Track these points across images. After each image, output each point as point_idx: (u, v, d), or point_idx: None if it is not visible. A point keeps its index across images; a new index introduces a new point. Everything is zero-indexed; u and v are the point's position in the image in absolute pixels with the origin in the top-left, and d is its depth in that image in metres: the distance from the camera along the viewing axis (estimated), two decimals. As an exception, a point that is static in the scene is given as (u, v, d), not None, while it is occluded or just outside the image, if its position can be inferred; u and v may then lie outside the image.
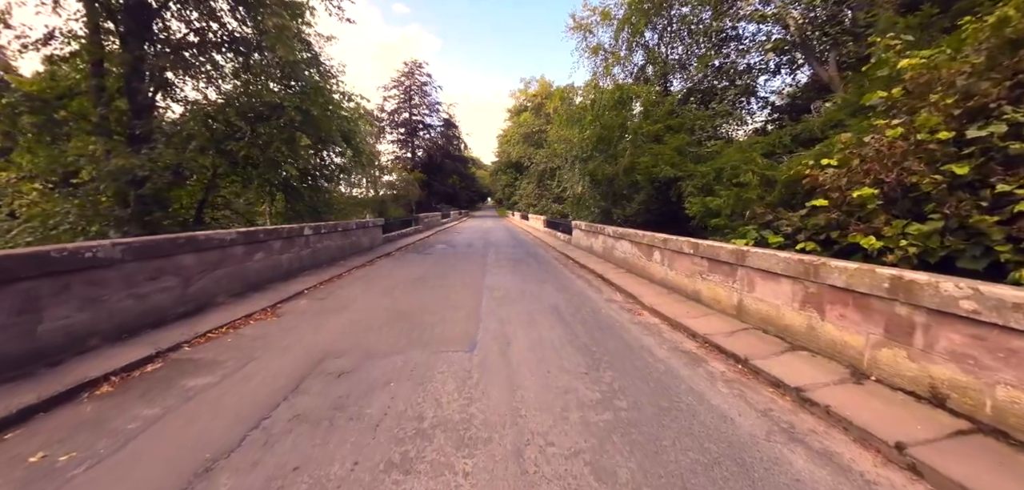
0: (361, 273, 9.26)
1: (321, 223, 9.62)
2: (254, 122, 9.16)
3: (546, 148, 42.87)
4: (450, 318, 5.49)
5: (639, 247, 8.70)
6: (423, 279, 8.44)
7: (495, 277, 8.76)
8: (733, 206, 6.46)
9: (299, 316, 5.73)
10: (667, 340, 4.97)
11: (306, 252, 8.97)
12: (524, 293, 7.20)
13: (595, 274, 9.31)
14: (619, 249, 9.91)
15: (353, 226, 11.69)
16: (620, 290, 7.69)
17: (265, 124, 9.18)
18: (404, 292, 7.18)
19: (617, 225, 11.06)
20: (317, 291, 7.34)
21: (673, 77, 17.80)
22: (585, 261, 10.95)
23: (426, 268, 9.95)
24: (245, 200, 14.44)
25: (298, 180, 11.99)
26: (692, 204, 7.45)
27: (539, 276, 9.07)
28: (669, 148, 8.95)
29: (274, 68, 10.26)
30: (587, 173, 15.14)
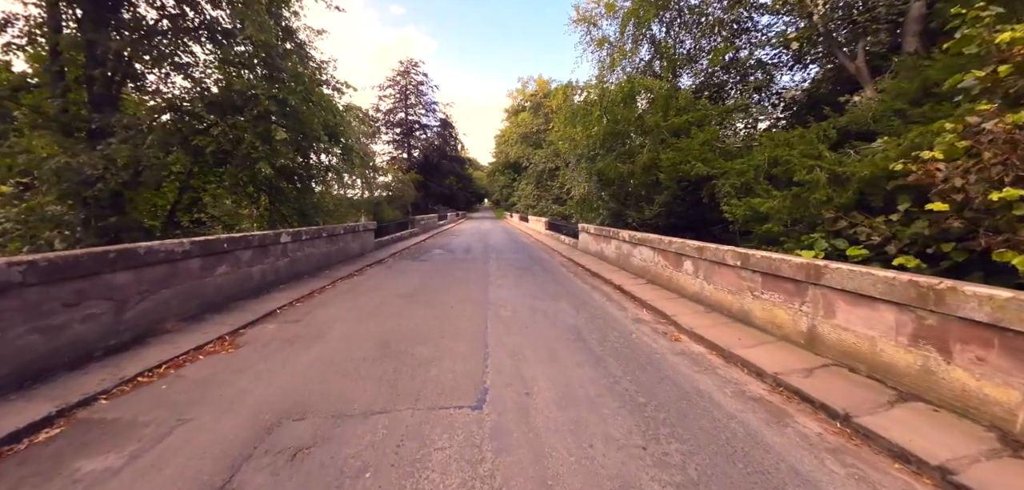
0: (347, 285, 8.14)
1: (302, 228, 8.50)
2: (223, 113, 8.02)
3: (545, 148, 41.91)
4: (449, 351, 4.39)
5: (664, 255, 7.64)
6: (417, 294, 7.33)
7: (500, 290, 7.67)
8: (790, 210, 5.41)
9: (261, 348, 4.61)
10: (727, 380, 3.90)
11: (283, 262, 7.84)
12: (536, 312, 6.11)
13: (612, 285, 8.24)
14: (638, 256, 8.85)
15: (341, 231, 10.56)
16: (646, 306, 6.62)
17: (235, 116, 8.04)
18: (394, 312, 6.07)
19: (633, 229, 10.01)
20: (291, 311, 6.22)
21: (682, 72, 16.82)
22: (597, 269, 9.89)
23: (421, 279, 8.85)
24: (233, 202, 13.28)
25: (279, 179, 10.83)
26: (733, 207, 6.40)
27: (549, 288, 7.99)
28: (697, 142, 7.89)
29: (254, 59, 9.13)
30: (595, 172, 14.08)
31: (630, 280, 8.45)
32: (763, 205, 5.76)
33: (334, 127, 10.72)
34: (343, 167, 13.27)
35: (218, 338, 4.93)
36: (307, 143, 9.33)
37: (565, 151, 17.68)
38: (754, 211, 5.96)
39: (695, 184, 7.67)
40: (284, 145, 8.01)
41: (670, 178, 7.95)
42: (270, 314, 5.98)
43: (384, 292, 7.44)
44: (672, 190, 8.06)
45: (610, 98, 13.05)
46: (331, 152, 11.80)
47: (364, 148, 34.10)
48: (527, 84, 55.40)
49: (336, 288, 7.89)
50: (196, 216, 13.46)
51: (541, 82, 52.55)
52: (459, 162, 59.06)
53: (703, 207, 7.88)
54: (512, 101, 58.09)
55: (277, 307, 6.26)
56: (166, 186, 11.75)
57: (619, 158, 10.81)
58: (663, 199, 8.30)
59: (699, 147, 7.78)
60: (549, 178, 40.33)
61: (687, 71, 17.00)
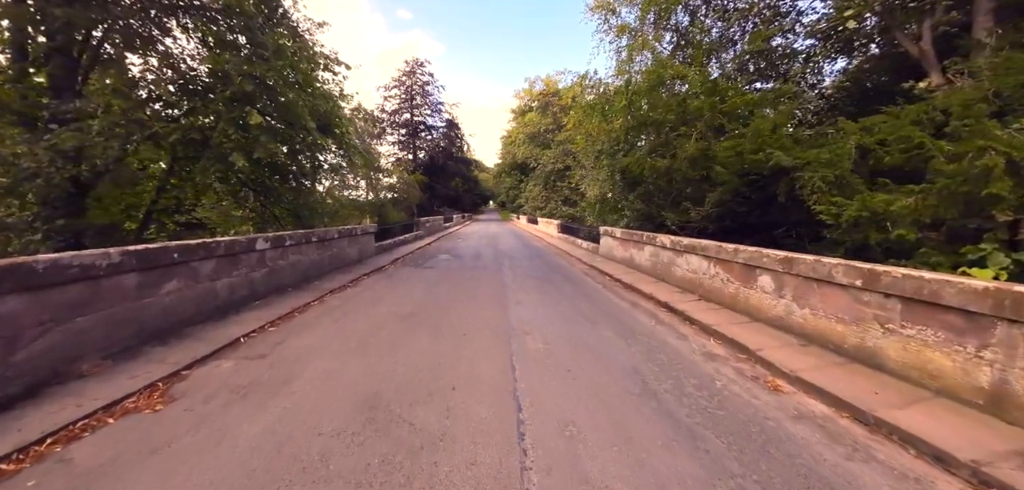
0: (338, 301, 6.79)
1: (285, 233, 7.17)
2: (192, 95, 6.73)
3: (554, 148, 40.54)
4: (465, 416, 2.99)
5: (725, 267, 6.20)
6: (420, 313, 5.95)
7: (521, 308, 6.27)
8: (936, 210, 3.97)
9: (200, 405, 3.25)
10: (902, 473, 2.48)
11: (260, 273, 6.51)
12: (575, 343, 4.70)
13: (656, 301, 6.81)
14: (683, 266, 7.41)
15: (334, 235, 9.23)
16: (712, 333, 5.18)
17: (204, 99, 6.74)
18: (390, 342, 4.69)
19: (671, 233, 8.57)
20: (259, 339, 4.86)
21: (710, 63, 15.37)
22: (630, 280, 8.45)
23: (425, 291, 7.48)
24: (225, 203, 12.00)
25: (266, 175, 9.55)
26: (840, 207, 4.93)
27: (581, 306, 6.57)
28: (767, 126, 6.41)
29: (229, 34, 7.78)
30: (618, 170, 12.64)
31: (676, 295, 7.00)
32: (895, 203, 4.30)
33: (326, 117, 9.40)
34: (340, 164, 11.96)
35: (147, 386, 3.58)
36: (293, 133, 8.02)
37: (581, 148, 16.23)
38: (872, 211, 4.51)
39: (764, 179, 6.25)
40: (263, 132, 6.73)
41: (730, 172, 6.53)
42: (231, 344, 4.62)
43: (380, 310, 6.07)
44: (731, 186, 6.63)
45: (635, 87, 11.61)
46: (326, 147, 10.47)
47: (367, 146, 32.96)
48: (534, 84, 54.19)
49: (324, 305, 6.53)
50: (184, 219, 12.24)
51: (549, 82, 51.33)
52: (465, 163, 57.90)
53: (775, 207, 6.43)
54: (519, 101, 56.89)
55: (243, 334, 4.91)
56: (141, 185, 10.55)
57: (652, 151, 9.37)
58: (716, 197, 6.87)
59: (769, 134, 6.32)
60: (558, 179, 38.95)
61: (714, 62, 15.57)
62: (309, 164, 10.16)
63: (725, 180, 6.71)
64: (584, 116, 15.58)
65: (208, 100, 6.78)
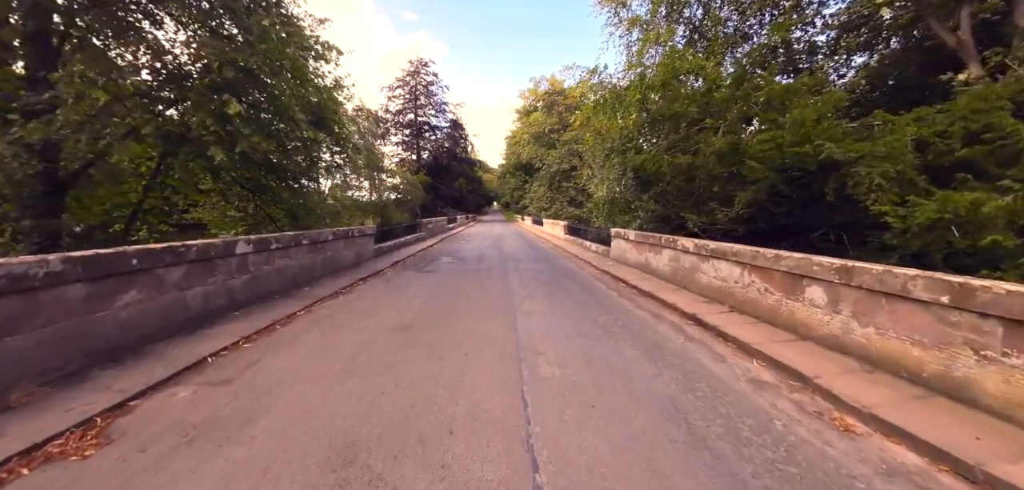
0: (328, 310, 6.15)
1: (271, 235, 6.54)
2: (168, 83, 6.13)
3: (559, 148, 39.81)
4: (463, 476, 2.32)
5: (763, 275, 5.49)
6: (417, 326, 5.30)
7: (531, 319, 5.59)
8: None
9: (139, 452, 2.61)
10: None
11: (240, 280, 5.88)
12: (595, 363, 4.01)
13: (681, 313, 6.10)
14: (710, 273, 6.70)
15: (328, 237, 8.60)
16: (755, 353, 4.48)
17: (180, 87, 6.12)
18: (380, 364, 4.04)
19: (693, 236, 7.85)
20: (229, 359, 4.22)
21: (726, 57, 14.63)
22: (647, 286, 7.75)
23: (425, 299, 6.82)
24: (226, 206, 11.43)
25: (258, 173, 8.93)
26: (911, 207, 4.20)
27: (597, 316, 5.88)
28: (811, 115, 5.66)
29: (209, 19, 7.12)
30: (630, 168, 11.92)
31: (703, 305, 6.29)
32: (987, 203, 3.58)
33: (321, 110, 8.78)
34: (337, 161, 11.33)
35: (83, 423, 2.95)
36: (281, 125, 7.39)
37: (590, 145, 15.53)
38: (954, 212, 3.78)
39: (808, 175, 5.52)
40: (244, 123, 6.09)
41: (766, 167, 5.80)
42: (195, 365, 3.99)
43: (373, 321, 5.42)
44: (766, 183, 5.90)
45: (650, 81, 10.90)
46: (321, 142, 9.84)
47: (370, 146, 32.45)
48: (539, 84, 53.59)
49: (311, 315, 5.89)
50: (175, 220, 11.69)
51: (554, 81, 50.74)
52: (469, 164, 57.37)
53: (819, 207, 5.70)
54: (524, 101, 56.31)
55: (212, 352, 4.27)
56: (127, 184, 10.00)
57: (670, 148, 8.64)
58: (748, 197, 6.15)
59: (813, 124, 5.56)
60: (564, 179, 38.26)
61: (729, 57, 14.83)
62: (305, 161, 9.53)
63: (759, 177, 6.00)
64: (594, 112, 14.88)
65: (184, 88, 6.16)
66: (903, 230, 4.38)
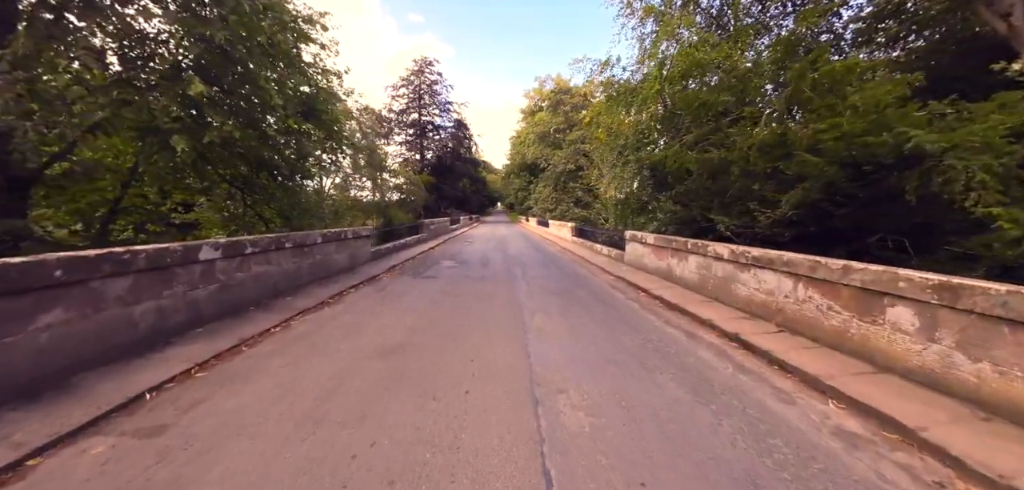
0: (306, 326, 5.31)
1: (247, 238, 5.73)
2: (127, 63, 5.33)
3: (565, 147, 38.90)
4: None
5: (824, 290, 4.59)
6: (408, 349, 4.45)
7: (545, 342, 4.72)
8: None
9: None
10: None
11: (207, 290, 5.06)
12: (635, 413, 3.13)
13: (720, 332, 5.21)
14: (750, 284, 5.80)
15: (317, 239, 7.79)
16: (828, 390, 3.58)
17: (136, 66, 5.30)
18: (353, 412, 3.18)
19: (726, 240, 6.95)
20: (171, 397, 3.39)
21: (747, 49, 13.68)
22: (673, 297, 6.86)
23: (420, 313, 5.98)
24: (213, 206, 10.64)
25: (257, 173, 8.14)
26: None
27: (622, 337, 5.00)
28: (883, 96, 4.73)
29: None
30: (647, 165, 11.04)
31: (745, 323, 5.39)
32: None
33: (311, 101, 7.96)
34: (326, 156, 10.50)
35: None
36: (260, 115, 6.57)
37: (603, 141, 14.63)
38: None
39: (881, 170, 4.61)
40: (215, 109, 5.29)
41: (827, 160, 4.88)
42: (126, 406, 3.16)
43: (357, 343, 4.57)
44: (826, 178, 4.96)
45: (670, 73, 10.01)
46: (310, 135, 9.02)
47: (372, 144, 31.74)
48: (544, 83, 52.90)
49: (289, 331, 5.06)
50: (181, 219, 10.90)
51: (560, 81, 49.97)
52: (473, 164, 56.66)
53: (893, 206, 4.78)
54: (529, 101, 55.59)
55: (152, 386, 3.44)
56: (104, 181, 9.25)
57: (698, 142, 7.71)
58: (798, 196, 5.23)
59: (893, 107, 4.62)
60: (570, 179, 37.38)
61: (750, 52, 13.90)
62: (293, 155, 8.71)
63: (815, 173, 5.08)
64: (606, 107, 14.00)
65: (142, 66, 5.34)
66: (1018, 238, 3.48)
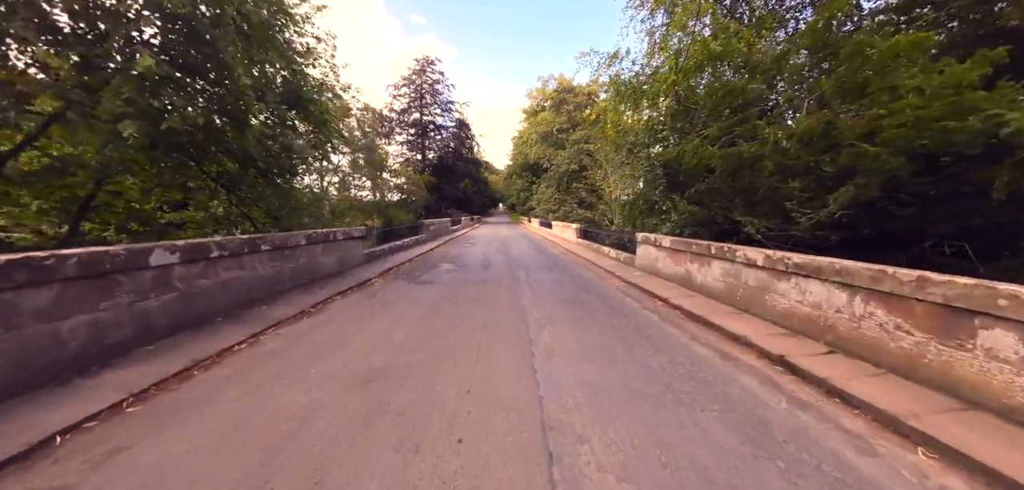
0: (276, 343, 4.58)
1: (213, 239, 5.01)
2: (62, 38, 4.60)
3: (568, 148, 38.17)
4: None
5: (891, 305, 3.84)
6: (390, 378, 3.72)
7: (557, 365, 3.99)
8: None
9: None
10: None
11: (161, 300, 4.34)
12: (685, 478, 2.40)
13: (759, 352, 4.46)
14: (790, 295, 5.06)
15: (300, 241, 7.07)
16: (917, 436, 2.84)
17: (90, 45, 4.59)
18: (306, 478, 2.46)
19: (757, 245, 6.21)
20: (89, 441, 2.66)
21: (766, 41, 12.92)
22: (696, 308, 6.11)
23: (409, 326, 5.25)
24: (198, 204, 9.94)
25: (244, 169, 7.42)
26: None
27: (646, 357, 4.27)
28: (970, 75, 4.00)
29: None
30: (660, 163, 10.32)
31: (788, 342, 4.65)
32: None
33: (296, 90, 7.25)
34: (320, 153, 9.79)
35: None
36: (235, 101, 5.85)
37: (611, 138, 13.90)
38: None
39: (959, 162, 3.90)
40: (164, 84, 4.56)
41: (890, 150, 4.15)
42: (21, 457, 2.44)
43: (332, 366, 3.84)
44: (888, 171, 4.23)
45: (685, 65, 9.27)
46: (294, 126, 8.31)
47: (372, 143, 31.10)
48: (547, 83, 52.29)
49: (256, 348, 4.34)
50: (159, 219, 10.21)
51: (563, 80, 49.36)
52: (475, 164, 56.02)
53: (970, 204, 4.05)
54: (531, 101, 54.97)
55: (67, 426, 2.73)
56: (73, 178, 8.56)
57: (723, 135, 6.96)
58: (850, 194, 4.49)
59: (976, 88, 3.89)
60: (573, 179, 36.67)
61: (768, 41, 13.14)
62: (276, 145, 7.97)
63: (873, 166, 4.33)
64: (614, 102, 13.26)
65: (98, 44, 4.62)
66: None
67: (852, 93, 4.89)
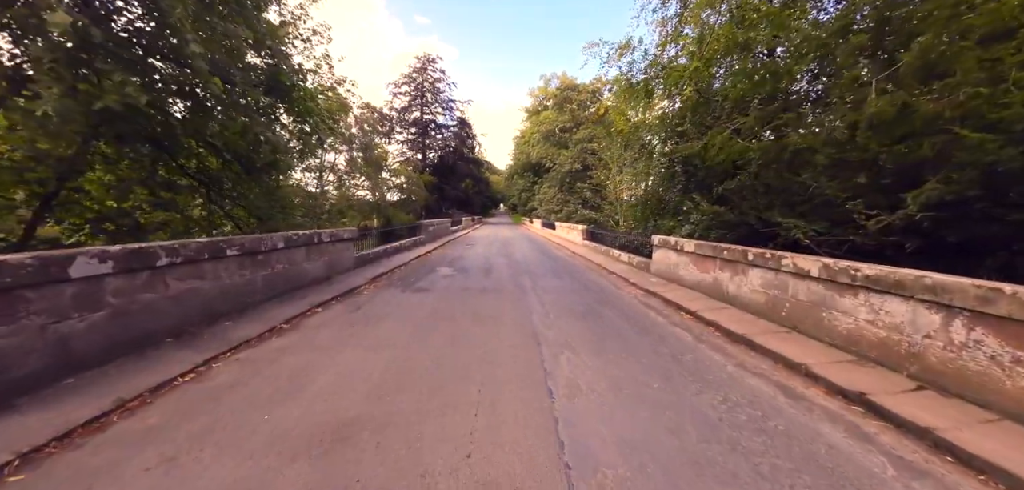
0: (226, 376, 3.71)
1: (160, 245, 4.15)
2: None
3: (572, 147, 37.27)
4: None
5: (1005, 334, 2.96)
6: (359, 432, 2.85)
7: (581, 408, 3.12)
8: None
9: None
10: None
11: (86, 321, 3.48)
12: None
13: (829, 388, 3.57)
14: (856, 313, 4.18)
15: (277, 244, 6.21)
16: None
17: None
18: None
19: (806, 253, 5.33)
20: None
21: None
22: (731, 323, 5.23)
23: (393, 355, 4.39)
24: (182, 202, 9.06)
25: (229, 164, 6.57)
26: None
27: (700, 401, 3.40)
28: None
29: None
30: (679, 158, 9.46)
31: (861, 373, 3.77)
32: None
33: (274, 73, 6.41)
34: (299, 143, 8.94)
35: None
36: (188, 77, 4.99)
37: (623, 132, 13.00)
38: None
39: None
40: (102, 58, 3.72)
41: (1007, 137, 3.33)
42: None
43: (287, 416, 2.97)
44: (987, 162, 3.35)
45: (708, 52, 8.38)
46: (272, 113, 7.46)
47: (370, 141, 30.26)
48: (550, 81, 51.50)
49: (202, 384, 3.48)
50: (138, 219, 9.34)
51: (565, 78, 48.55)
52: (476, 164, 55.15)
53: None
54: (533, 100, 54.18)
55: None
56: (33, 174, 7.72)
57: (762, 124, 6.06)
58: (935, 193, 3.62)
59: None
60: (577, 179, 35.80)
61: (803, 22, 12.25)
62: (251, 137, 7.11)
63: (971, 159, 3.44)
64: (624, 96, 12.39)
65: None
66: None
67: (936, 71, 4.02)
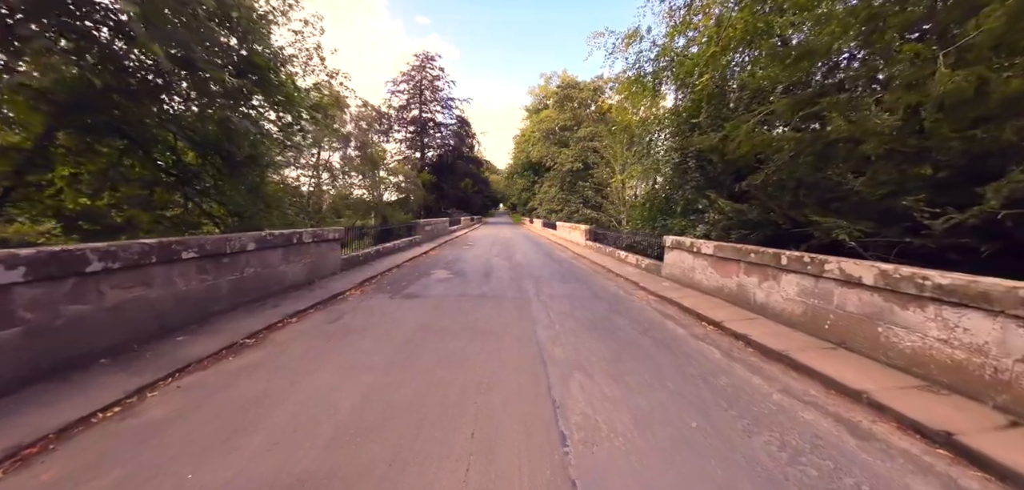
0: (160, 411, 3.02)
1: (90, 246, 3.46)
2: None
3: (573, 146, 36.60)
4: None
5: None
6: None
7: (604, 468, 2.44)
8: None
9: None
10: None
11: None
12: None
13: (915, 430, 2.89)
14: (920, 330, 3.50)
15: (247, 245, 5.51)
16: None
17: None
18: None
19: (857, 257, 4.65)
20: None
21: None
22: (764, 339, 4.55)
23: (372, 381, 3.70)
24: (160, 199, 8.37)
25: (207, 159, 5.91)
26: None
27: (764, 457, 2.71)
28: None
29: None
30: (694, 152, 8.79)
31: (936, 402, 3.08)
32: None
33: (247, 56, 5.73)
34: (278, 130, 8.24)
35: None
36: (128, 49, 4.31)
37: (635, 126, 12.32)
38: None
39: None
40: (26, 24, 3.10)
41: None
42: None
43: (220, 473, 2.30)
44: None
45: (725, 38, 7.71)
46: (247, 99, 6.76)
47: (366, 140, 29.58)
48: (550, 79, 50.93)
49: (129, 418, 2.79)
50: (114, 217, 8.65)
51: (566, 77, 47.95)
52: (475, 163, 54.44)
53: None
54: (533, 98, 53.60)
55: None
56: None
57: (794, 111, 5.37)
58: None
59: None
60: (578, 178, 35.15)
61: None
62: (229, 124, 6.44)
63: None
64: (632, 90, 11.71)
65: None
66: None
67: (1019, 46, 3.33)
